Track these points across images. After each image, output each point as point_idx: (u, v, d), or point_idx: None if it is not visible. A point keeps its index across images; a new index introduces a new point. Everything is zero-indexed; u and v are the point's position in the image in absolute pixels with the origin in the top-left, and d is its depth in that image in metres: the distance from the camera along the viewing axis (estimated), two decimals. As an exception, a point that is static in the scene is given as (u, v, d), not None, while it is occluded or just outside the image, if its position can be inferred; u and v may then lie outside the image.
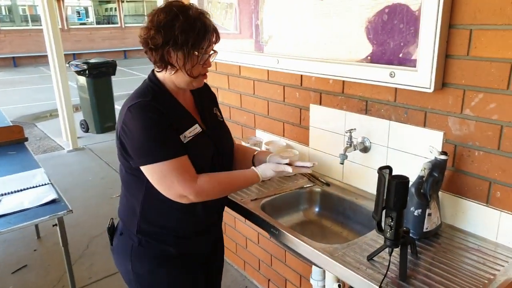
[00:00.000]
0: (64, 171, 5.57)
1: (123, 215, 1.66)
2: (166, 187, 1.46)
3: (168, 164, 1.43)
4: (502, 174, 1.46)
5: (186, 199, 1.47)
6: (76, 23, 21.07)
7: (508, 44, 1.35)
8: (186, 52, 1.42)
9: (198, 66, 1.48)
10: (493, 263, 1.41)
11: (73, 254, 3.46)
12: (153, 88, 1.51)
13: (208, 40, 1.46)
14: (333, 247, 1.54)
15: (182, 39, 1.40)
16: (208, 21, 1.46)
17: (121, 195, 1.67)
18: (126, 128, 1.44)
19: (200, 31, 1.42)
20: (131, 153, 1.46)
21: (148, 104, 1.43)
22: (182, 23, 1.39)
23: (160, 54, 1.43)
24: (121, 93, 10.16)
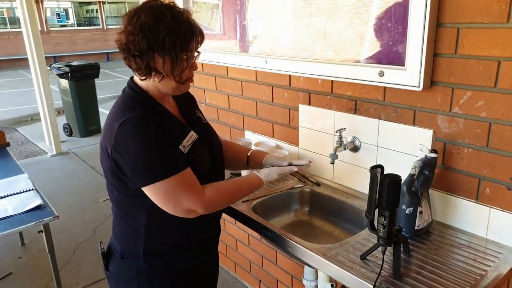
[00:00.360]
0: (48, 176, 5.48)
1: (123, 239, 1.53)
2: (172, 205, 1.36)
3: (173, 180, 1.32)
4: (491, 171, 1.48)
5: (194, 213, 1.39)
6: (56, 25, 20.78)
7: (495, 42, 1.37)
8: (174, 57, 1.31)
9: (185, 70, 1.38)
10: (484, 259, 1.42)
11: (59, 260, 3.40)
12: (138, 98, 1.39)
13: (196, 41, 1.37)
14: (326, 247, 1.54)
15: (169, 42, 1.28)
16: (193, 20, 1.36)
17: (116, 218, 1.54)
18: (120, 148, 1.30)
19: (187, 33, 1.32)
20: (130, 174, 1.33)
21: (142, 118, 1.31)
22: (167, 25, 1.28)
23: (145, 60, 1.30)
24: (105, 96, 10.07)
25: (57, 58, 17.02)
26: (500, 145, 1.44)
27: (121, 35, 1.32)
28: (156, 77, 1.35)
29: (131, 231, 1.49)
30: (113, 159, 1.33)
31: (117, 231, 1.55)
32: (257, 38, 2.22)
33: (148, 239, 1.46)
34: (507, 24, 1.32)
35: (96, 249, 3.73)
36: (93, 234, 4.02)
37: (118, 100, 1.42)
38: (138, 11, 1.31)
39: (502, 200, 1.47)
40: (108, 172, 1.41)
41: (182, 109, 1.55)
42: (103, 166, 1.43)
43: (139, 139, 1.30)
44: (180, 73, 1.36)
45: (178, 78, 1.37)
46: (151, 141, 1.31)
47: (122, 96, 1.43)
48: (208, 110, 2.87)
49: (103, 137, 1.38)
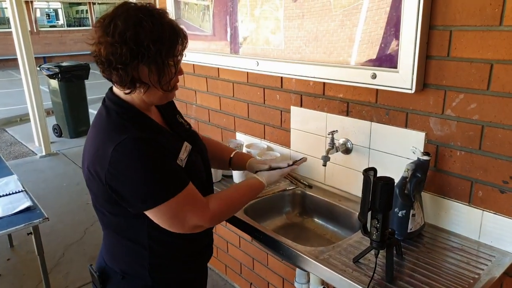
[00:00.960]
0: (37, 178, 5.42)
1: (124, 260, 1.43)
2: (179, 224, 1.29)
3: (177, 199, 1.24)
4: (484, 174, 1.48)
5: (200, 228, 1.33)
6: (45, 25, 20.62)
7: (487, 44, 1.37)
8: (160, 64, 1.21)
9: (172, 77, 1.28)
10: (477, 262, 1.42)
11: (48, 262, 3.37)
12: (126, 114, 1.28)
13: (181, 44, 1.26)
14: (318, 250, 1.53)
15: (154, 49, 1.17)
16: (175, 22, 1.25)
17: (111, 241, 1.45)
18: (116, 172, 1.20)
19: (171, 37, 1.21)
20: (130, 198, 1.24)
21: (137, 138, 1.21)
22: (150, 30, 1.16)
23: (129, 72, 1.19)
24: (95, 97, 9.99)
25: (46, 58, 16.89)
26: (493, 147, 1.44)
27: (98, 47, 1.19)
28: (142, 88, 1.24)
29: (133, 252, 1.40)
30: (108, 184, 1.22)
31: (115, 252, 1.45)
32: (248, 40, 2.20)
33: (152, 257, 1.39)
34: (500, 27, 1.32)
35: (86, 251, 3.69)
36: (82, 236, 3.98)
37: (103, 117, 1.30)
38: (114, 18, 1.18)
39: (495, 203, 1.47)
40: (100, 197, 1.32)
41: (164, 116, 1.47)
42: (92, 190, 1.33)
43: (137, 162, 1.20)
44: (168, 81, 1.26)
45: (166, 87, 1.27)
46: (150, 162, 1.21)
47: (106, 112, 1.30)
48: (199, 111, 2.85)
49: (91, 160, 1.26)
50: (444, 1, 1.44)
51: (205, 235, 1.54)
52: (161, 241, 1.38)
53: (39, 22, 20.03)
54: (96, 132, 1.29)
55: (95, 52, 1.21)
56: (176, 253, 1.45)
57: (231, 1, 2.24)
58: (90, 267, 1.54)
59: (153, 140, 1.24)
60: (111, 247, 1.46)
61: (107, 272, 1.47)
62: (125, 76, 1.20)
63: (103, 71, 1.24)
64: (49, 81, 6.95)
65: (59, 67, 6.70)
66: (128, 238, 1.39)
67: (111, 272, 1.46)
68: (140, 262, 1.40)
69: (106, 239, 1.48)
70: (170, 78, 1.26)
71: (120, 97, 1.30)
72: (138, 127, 1.25)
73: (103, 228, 1.46)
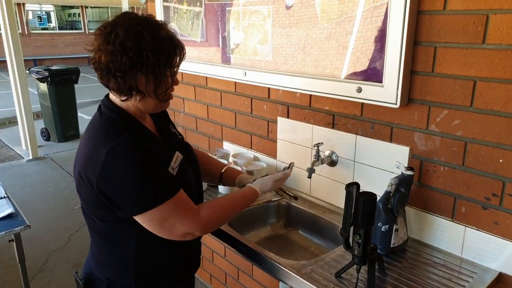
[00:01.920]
0: (23, 182, 5.36)
1: (110, 267, 1.43)
2: (168, 230, 1.28)
3: (167, 205, 1.24)
4: (467, 190, 1.48)
5: (191, 236, 1.32)
6: (37, 28, 20.49)
7: (470, 62, 1.38)
8: (158, 74, 1.24)
9: (167, 87, 1.30)
10: (459, 279, 1.42)
11: (31, 269, 3.33)
12: (121, 121, 1.29)
13: (179, 56, 1.29)
14: (300, 264, 1.52)
15: (153, 60, 1.20)
16: (173, 34, 1.29)
17: (98, 247, 1.45)
18: (107, 177, 1.21)
19: (170, 48, 1.25)
20: (121, 203, 1.24)
21: (130, 144, 1.22)
22: (149, 41, 1.19)
23: (127, 80, 1.21)
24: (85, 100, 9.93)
25: (37, 61, 16.75)
26: (476, 164, 1.44)
27: (98, 54, 1.22)
28: (138, 96, 1.27)
29: (120, 258, 1.40)
30: (98, 189, 1.23)
31: (102, 259, 1.45)
32: (236, 50, 2.20)
33: (139, 264, 1.38)
34: (483, 45, 1.33)
35: (70, 258, 3.64)
36: (67, 242, 3.93)
37: (97, 123, 1.32)
38: (115, 27, 1.20)
39: (477, 219, 1.47)
40: (89, 202, 1.32)
41: (158, 126, 1.48)
42: (82, 196, 1.34)
43: (129, 167, 1.21)
44: (164, 91, 1.29)
45: (162, 97, 1.29)
46: (142, 168, 1.22)
47: (100, 118, 1.32)
48: (187, 119, 2.84)
49: (82, 165, 1.26)
50: (428, 18, 1.45)
51: (194, 245, 1.54)
52: (148, 249, 1.38)
53: (31, 24, 19.90)
54: (89, 138, 1.30)
55: (94, 59, 1.23)
56: (163, 262, 1.44)
57: (221, 11, 2.23)
58: (76, 274, 1.54)
59: (145, 146, 1.25)
60: (98, 254, 1.46)
61: (93, 279, 1.47)
62: (123, 84, 1.22)
63: (101, 77, 1.25)
64: (38, 84, 6.89)
65: (49, 70, 6.64)
66: (115, 244, 1.39)
67: (96, 280, 1.46)
68: (126, 270, 1.39)
69: (93, 246, 1.48)
70: (166, 88, 1.29)
71: (116, 103, 1.32)
72: (131, 133, 1.27)
73: (91, 235, 1.46)
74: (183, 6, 2.49)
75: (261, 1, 1.98)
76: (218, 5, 2.24)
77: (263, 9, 1.99)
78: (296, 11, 1.83)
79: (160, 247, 1.39)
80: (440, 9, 1.41)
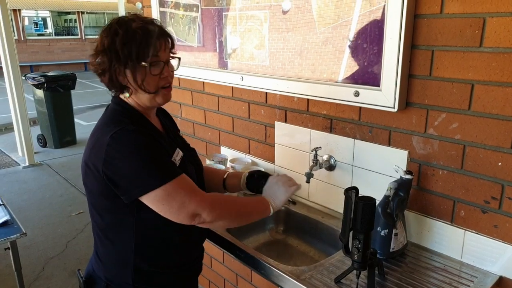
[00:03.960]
0: (19, 188, 5.33)
1: (110, 266, 1.45)
2: (176, 209, 1.28)
3: (173, 184, 1.26)
4: (466, 193, 1.48)
5: (199, 218, 1.30)
6: (33, 34, 20.45)
7: (468, 65, 1.38)
8: (131, 66, 1.28)
9: (152, 78, 1.31)
10: (459, 283, 1.41)
11: (27, 277, 3.30)
12: (125, 112, 1.36)
13: (154, 47, 1.29)
14: (300, 270, 1.51)
15: (124, 52, 1.26)
16: (152, 26, 1.31)
17: (101, 244, 1.46)
18: (111, 159, 1.25)
19: (142, 39, 1.27)
20: (126, 184, 1.27)
21: (133, 129, 1.27)
22: (122, 36, 1.26)
23: (108, 76, 1.30)
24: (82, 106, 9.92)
25: (33, 67, 16.73)
26: (474, 167, 1.44)
27: (90, 58, 1.35)
28: (127, 91, 1.34)
29: (119, 256, 1.41)
30: (104, 173, 1.26)
31: (103, 257, 1.46)
32: (233, 55, 2.20)
33: (137, 264, 1.39)
34: (480, 48, 1.33)
35: (67, 265, 3.62)
36: (64, 249, 3.90)
37: (103, 116, 1.39)
38: (101, 33, 1.33)
39: (477, 223, 1.47)
40: (95, 193, 1.35)
41: (165, 127, 1.53)
42: (87, 187, 1.37)
43: (134, 146, 1.26)
44: (142, 83, 1.31)
45: (144, 88, 1.32)
46: (144, 149, 1.26)
47: (106, 111, 1.40)
48: (184, 125, 2.83)
49: (88, 155, 1.32)
50: (426, 21, 1.45)
51: (194, 246, 1.55)
52: (148, 247, 1.39)
53: (27, 30, 19.86)
54: (95, 130, 1.36)
55: (90, 64, 1.36)
56: (163, 263, 1.44)
57: (218, 16, 2.23)
58: (78, 272, 1.56)
59: (148, 132, 1.31)
60: (99, 253, 1.48)
61: (93, 278, 1.49)
62: (109, 81, 1.32)
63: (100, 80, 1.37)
64: (35, 91, 6.87)
65: (45, 76, 6.63)
66: (115, 241, 1.41)
67: (96, 279, 1.48)
68: (125, 269, 1.40)
69: (95, 244, 1.51)
70: (142, 80, 1.31)
71: (122, 99, 1.39)
72: (135, 123, 1.32)
73: (94, 233, 1.48)
74: (180, 11, 2.48)
75: (258, 6, 1.98)
76: (214, 10, 2.24)
77: (260, 14, 1.98)
78: (293, 16, 1.83)
79: (159, 245, 1.40)
80: (437, 13, 1.41)
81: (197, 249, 1.59)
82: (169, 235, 1.41)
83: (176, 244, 1.44)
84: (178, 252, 1.47)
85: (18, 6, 18.58)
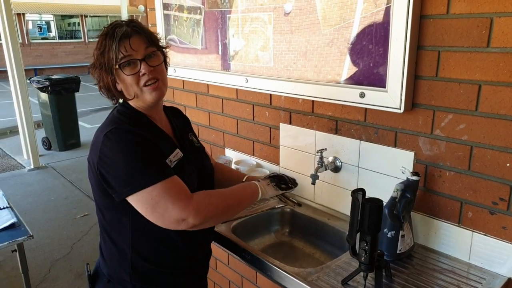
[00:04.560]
0: (24, 191, 5.35)
1: (110, 262, 1.47)
2: (160, 215, 1.27)
3: (159, 187, 1.25)
4: (473, 195, 1.47)
5: (185, 223, 1.28)
6: (37, 37, 20.53)
7: (475, 66, 1.37)
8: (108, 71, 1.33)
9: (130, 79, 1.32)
10: (467, 285, 1.40)
11: (33, 279, 3.31)
12: (126, 113, 1.39)
13: (123, 48, 1.30)
14: (306, 271, 1.50)
15: (100, 60, 1.34)
16: (121, 28, 1.31)
17: (103, 240, 1.49)
18: (104, 157, 1.28)
19: (108, 44, 1.30)
20: (114, 183, 1.28)
21: (127, 128, 1.31)
22: (98, 47, 1.34)
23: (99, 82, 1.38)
24: (86, 109, 9.95)
25: (37, 70, 16.80)
26: (482, 168, 1.43)
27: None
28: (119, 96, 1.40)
29: (118, 253, 1.43)
30: (98, 170, 1.30)
31: (105, 254, 1.49)
32: (237, 57, 2.19)
33: (134, 261, 1.41)
34: (487, 49, 1.32)
35: (72, 267, 3.63)
36: (69, 251, 3.91)
37: (107, 117, 1.43)
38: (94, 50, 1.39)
39: (485, 224, 1.46)
40: (96, 190, 1.38)
41: (174, 128, 1.54)
42: (91, 183, 1.40)
43: (123, 147, 1.28)
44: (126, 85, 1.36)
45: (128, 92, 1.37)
46: (134, 149, 1.28)
47: (110, 112, 1.45)
48: (189, 127, 2.83)
49: (90, 152, 1.36)
50: (432, 22, 1.44)
51: (196, 248, 1.53)
52: (145, 245, 1.41)
53: (31, 34, 19.94)
54: (98, 128, 1.39)
55: None
56: (159, 262, 1.44)
57: (221, 18, 2.23)
58: (87, 265, 1.59)
59: (141, 134, 1.31)
60: (102, 249, 1.51)
61: (98, 273, 1.53)
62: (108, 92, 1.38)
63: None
64: (39, 94, 6.90)
65: (49, 80, 6.66)
66: (114, 238, 1.43)
67: (101, 274, 1.51)
68: (123, 266, 1.42)
69: (100, 241, 1.53)
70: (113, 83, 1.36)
71: (129, 103, 1.42)
72: (134, 123, 1.35)
73: (99, 230, 1.51)
74: (184, 14, 2.48)
75: (261, 8, 1.98)
76: (218, 13, 2.24)
77: (264, 16, 1.98)
78: (297, 18, 1.83)
79: (157, 244, 1.41)
80: (443, 13, 1.40)
81: (200, 251, 1.58)
82: (166, 234, 1.39)
83: (175, 244, 1.43)
84: (176, 252, 1.46)
85: (22, 10, 18.66)
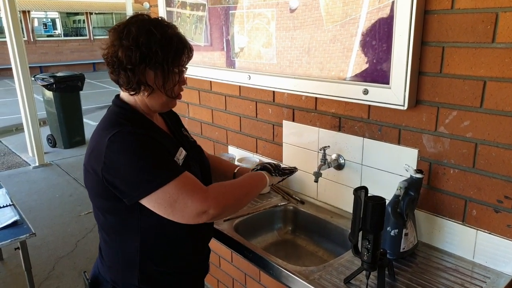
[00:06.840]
0: (29, 188, 5.36)
1: (114, 267, 1.43)
2: (180, 211, 1.24)
3: (174, 184, 1.23)
4: (478, 192, 1.45)
5: (206, 215, 1.26)
6: (43, 35, 20.61)
7: (480, 61, 1.35)
8: (166, 70, 1.28)
9: (177, 84, 1.35)
10: (471, 284, 1.38)
11: (38, 276, 3.32)
12: (125, 114, 1.33)
13: (186, 56, 1.34)
14: (309, 270, 1.49)
15: (161, 55, 1.25)
16: (182, 35, 1.34)
17: (105, 245, 1.44)
18: (110, 163, 1.23)
19: (178, 46, 1.30)
20: (126, 187, 1.24)
21: (130, 131, 1.25)
22: (159, 38, 1.25)
23: (136, 74, 1.26)
24: (91, 107, 9.97)
25: (43, 68, 16.84)
26: (487, 166, 1.41)
27: (111, 49, 1.27)
28: (146, 91, 1.31)
29: (124, 257, 1.39)
30: (104, 177, 1.24)
31: (108, 259, 1.44)
32: (240, 54, 2.18)
33: (143, 265, 1.37)
34: (492, 44, 1.30)
35: (76, 264, 3.63)
36: (74, 248, 3.91)
37: (102, 119, 1.36)
38: (128, 25, 1.27)
39: (489, 222, 1.44)
40: (96, 195, 1.34)
41: (170, 127, 1.52)
42: (89, 189, 1.36)
43: (132, 149, 1.23)
44: (171, 87, 1.33)
45: (170, 93, 1.33)
46: (142, 151, 1.24)
47: (105, 114, 1.37)
48: (191, 124, 2.82)
49: (88, 160, 1.30)
50: (436, 17, 1.42)
51: (201, 246, 1.53)
52: (154, 248, 1.38)
53: (36, 31, 20.02)
54: (94, 133, 1.34)
55: (107, 54, 1.28)
56: (170, 263, 1.42)
57: (225, 15, 2.22)
58: (84, 274, 1.56)
59: (147, 134, 1.28)
60: (105, 255, 1.46)
61: (99, 280, 1.47)
62: (132, 77, 1.27)
63: (112, 72, 1.31)
64: (44, 91, 6.91)
65: (54, 77, 6.66)
66: (120, 242, 1.39)
67: (103, 281, 1.46)
68: (130, 271, 1.38)
69: (101, 246, 1.49)
70: (173, 85, 1.33)
71: (124, 100, 1.37)
72: (135, 124, 1.30)
73: (99, 234, 1.46)
74: (186, 10, 2.47)
75: (265, 4, 1.97)
76: (221, 9, 2.23)
77: (267, 12, 1.97)
78: (300, 14, 1.81)
79: (165, 247, 1.39)
80: (448, 8, 1.38)
81: (204, 249, 1.58)
82: (175, 235, 1.39)
83: (183, 244, 1.42)
84: (185, 252, 1.45)
85: (27, 8, 18.72)
